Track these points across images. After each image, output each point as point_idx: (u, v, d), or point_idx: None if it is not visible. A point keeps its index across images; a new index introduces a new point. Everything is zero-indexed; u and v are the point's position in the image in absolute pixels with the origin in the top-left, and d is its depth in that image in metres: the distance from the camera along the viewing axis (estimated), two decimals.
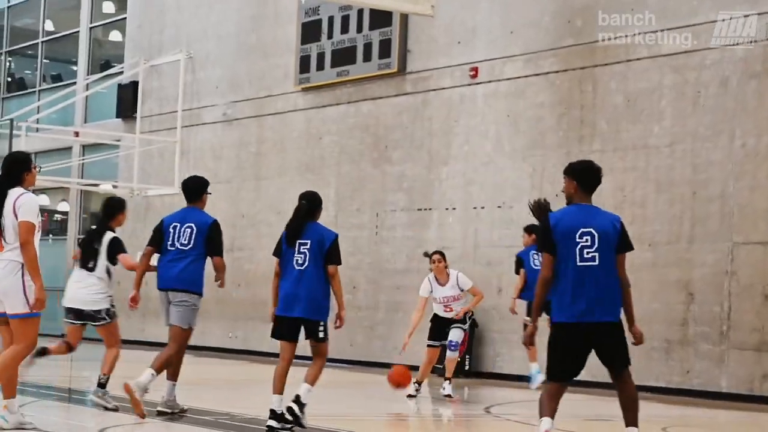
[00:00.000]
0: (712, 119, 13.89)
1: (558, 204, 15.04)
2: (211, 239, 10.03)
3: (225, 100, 21.36)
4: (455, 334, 13.04)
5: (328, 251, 9.71)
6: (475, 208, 16.66)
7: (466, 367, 16.23)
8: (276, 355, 9.55)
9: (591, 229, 7.98)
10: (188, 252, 9.97)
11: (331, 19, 19.04)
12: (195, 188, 10.30)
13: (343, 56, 18.71)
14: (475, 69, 16.84)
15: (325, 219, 18.55)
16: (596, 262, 7.92)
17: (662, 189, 14.29)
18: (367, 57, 18.36)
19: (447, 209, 17.11)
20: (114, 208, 10.66)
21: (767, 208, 13.27)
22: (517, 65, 16.26)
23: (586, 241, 7.97)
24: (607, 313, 7.81)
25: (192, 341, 10.40)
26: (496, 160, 16.44)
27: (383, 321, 17.80)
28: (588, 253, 7.92)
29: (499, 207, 16.23)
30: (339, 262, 9.72)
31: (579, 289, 7.86)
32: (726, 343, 13.41)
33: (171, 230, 10.04)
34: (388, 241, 17.92)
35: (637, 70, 14.74)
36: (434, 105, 17.49)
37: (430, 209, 17.28)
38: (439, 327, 13.10)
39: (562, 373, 7.80)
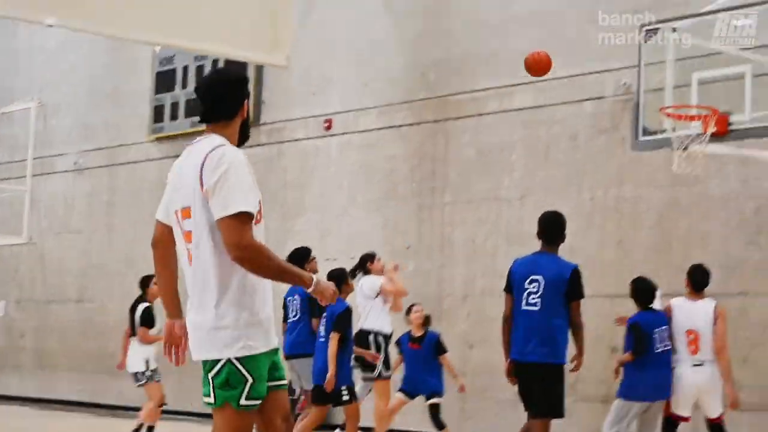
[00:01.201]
0: (561, 173, 14.14)
1: (400, 255, 15.15)
2: None
3: (77, 148, 21.06)
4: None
5: None
6: (328, 259, 16.64)
7: None
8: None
9: (539, 277, 8.83)
10: None
11: (185, 69, 18.94)
12: None
13: (198, 106, 18.56)
14: (330, 121, 16.91)
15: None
16: (537, 308, 8.77)
17: (512, 241, 14.47)
18: None
19: None
20: (144, 283, 13.07)
21: (615, 261, 13.53)
22: (370, 117, 16.37)
23: (534, 287, 8.84)
24: (543, 355, 8.73)
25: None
26: (349, 212, 16.49)
27: None
28: (533, 298, 8.79)
29: (352, 258, 16.22)
30: None
31: (523, 331, 8.77)
32: (574, 396, 13.58)
33: None
34: None
35: (489, 124, 14.95)
36: (289, 156, 17.49)
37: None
38: None
39: (526, 407, 8.93)
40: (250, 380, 5.15)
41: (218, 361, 5.15)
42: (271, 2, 15.24)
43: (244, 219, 5.10)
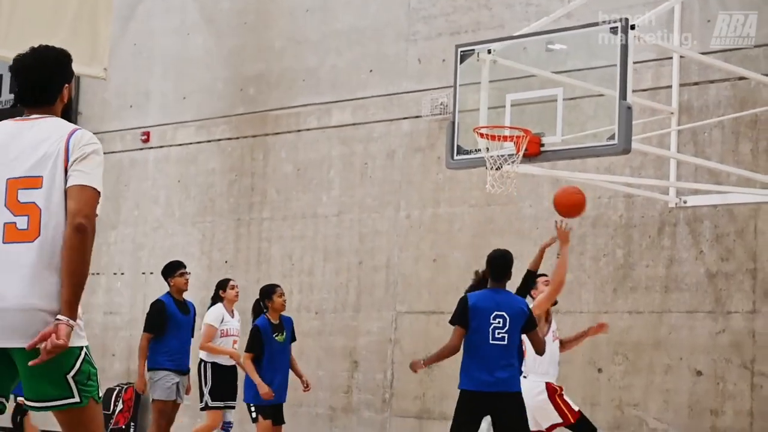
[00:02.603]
0: (378, 190, 14.26)
1: (217, 270, 15.06)
2: None
3: None
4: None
5: None
6: (144, 273, 16.48)
7: None
8: None
9: (503, 313, 9.31)
10: None
11: (0, 78, 18.54)
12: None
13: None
14: (147, 133, 16.75)
15: None
16: (505, 342, 9.28)
17: (330, 258, 14.54)
18: None
19: (115, 274, 16.86)
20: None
21: (430, 278, 13.69)
22: (189, 131, 16.26)
23: (499, 323, 9.32)
24: (511, 385, 9.25)
25: None
26: (166, 226, 16.35)
27: None
28: (499, 333, 9.29)
29: None
30: None
31: (487, 363, 9.22)
32: (388, 411, 13.70)
33: None
34: None
35: (307, 141, 15.00)
36: (105, 169, 17.17)
37: (98, 274, 16.96)
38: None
39: None
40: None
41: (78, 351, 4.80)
42: (89, 13, 15.00)
43: (97, 196, 4.87)
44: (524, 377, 9.99)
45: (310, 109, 14.91)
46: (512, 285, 9.93)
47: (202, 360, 12.45)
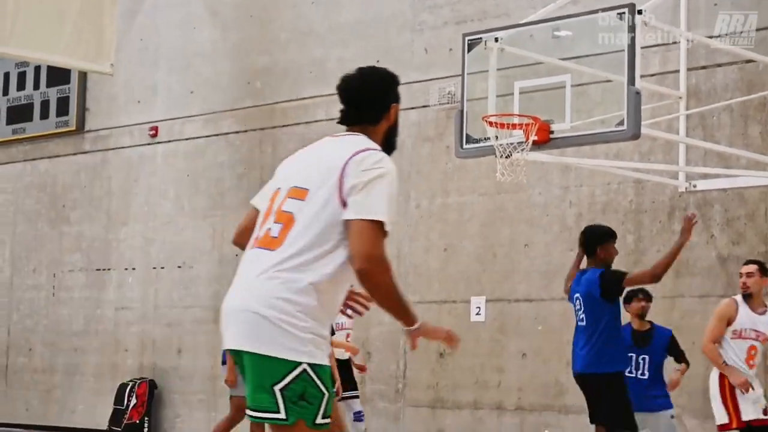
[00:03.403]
0: None
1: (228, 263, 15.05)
2: None
3: None
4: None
5: None
6: (155, 268, 16.50)
7: (145, 430, 15.99)
8: None
9: (578, 294, 9.47)
10: None
11: (6, 76, 18.55)
12: None
13: (20, 113, 18.25)
14: (155, 128, 16.75)
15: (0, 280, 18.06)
16: (584, 323, 9.35)
17: None
18: (44, 114, 17.96)
19: (126, 269, 16.87)
20: None
21: (440, 268, 13.69)
22: (197, 125, 16.27)
23: (578, 305, 9.50)
24: (587, 365, 9.32)
25: None
26: (176, 220, 16.36)
27: (60, 384, 17.34)
28: (578, 314, 9.47)
29: (179, 267, 16.13)
30: None
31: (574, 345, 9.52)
32: (402, 401, 13.72)
33: None
34: (65, 302, 17.50)
35: (316, 132, 14.97)
36: (113, 164, 17.26)
37: (108, 269, 17.00)
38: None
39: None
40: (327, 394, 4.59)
41: (293, 365, 4.53)
42: (94, 9, 15.02)
43: (381, 229, 4.56)
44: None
45: (317, 101, 14.90)
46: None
47: None
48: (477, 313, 13.31)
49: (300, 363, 4.49)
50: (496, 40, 10.43)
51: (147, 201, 16.81)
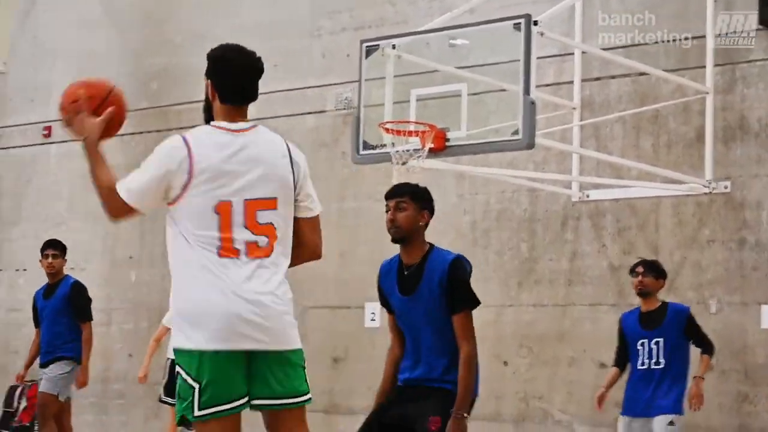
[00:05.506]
0: None
1: (121, 265, 14.94)
2: None
3: None
4: None
5: None
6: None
7: None
8: None
9: None
10: None
11: None
12: None
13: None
14: (49, 128, 16.54)
15: None
16: None
17: None
18: None
19: (17, 270, 16.64)
20: None
21: (336, 273, 13.70)
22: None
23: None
24: None
25: None
26: (68, 222, 16.16)
27: None
28: None
29: (71, 269, 15.91)
30: None
31: None
32: None
33: None
34: None
35: None
36: (5, 164, 17.01)
37: (0, 270, 16.78)
38: None
39: None
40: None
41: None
42: None
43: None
44: None
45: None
46: None
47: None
48: (372, 319, 13.34)
49: None
50: (394, 47, 10.46)
51: (39, 202, 16.59)
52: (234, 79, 5.17)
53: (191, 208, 4.92)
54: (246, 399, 4.89)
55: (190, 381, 4.79)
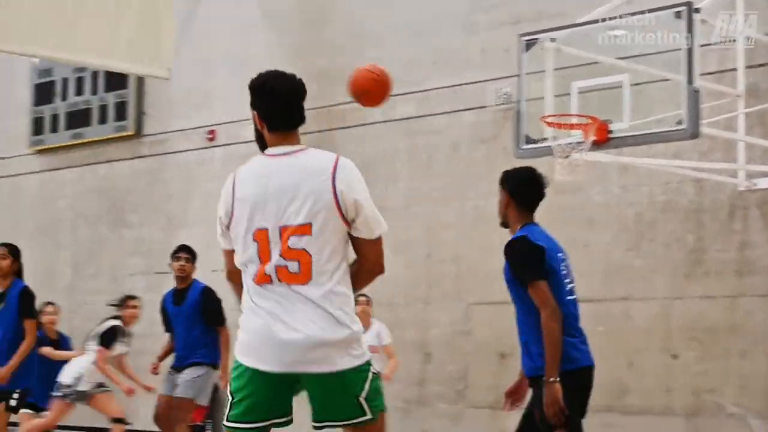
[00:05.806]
0: (444, 182, 14.24)
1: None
2: None
3: None
4: None
5: None
6: (214, 270, 16.52)
7: None
8: None
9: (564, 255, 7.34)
10: None
11: (65, 81, 18.72)
12: None
13: (78, 118, 18.40)
14: (213, 132, 16.83)
15: (61, 284, 18.23)
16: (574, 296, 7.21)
17: (399, 250, 14.52)
18: (102, 119, 18.11)
19: None
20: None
21: (498, 269, 13.63)
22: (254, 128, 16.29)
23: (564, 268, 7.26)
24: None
25: None
26: None
27: None
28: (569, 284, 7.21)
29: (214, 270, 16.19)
30: None
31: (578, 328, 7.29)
32: (462, 402, 13.69)
33: None
34: None
35: (373, 134, 15.01)
36: (172, 168, 17.37)
37: (168, 273, 17.09)
38: None
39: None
40: None
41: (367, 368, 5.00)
42: (151, 14, 15.13)
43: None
44: None
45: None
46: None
47: None
48: None
49: (369, 362, 5.02)
50: (553, 40, 10.40)
51: (205, 204, 16.87)
52: (277, 106, 5.19)
53: (236, 237, 5.11)
54: (283, 419, 5.03)
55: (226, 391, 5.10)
